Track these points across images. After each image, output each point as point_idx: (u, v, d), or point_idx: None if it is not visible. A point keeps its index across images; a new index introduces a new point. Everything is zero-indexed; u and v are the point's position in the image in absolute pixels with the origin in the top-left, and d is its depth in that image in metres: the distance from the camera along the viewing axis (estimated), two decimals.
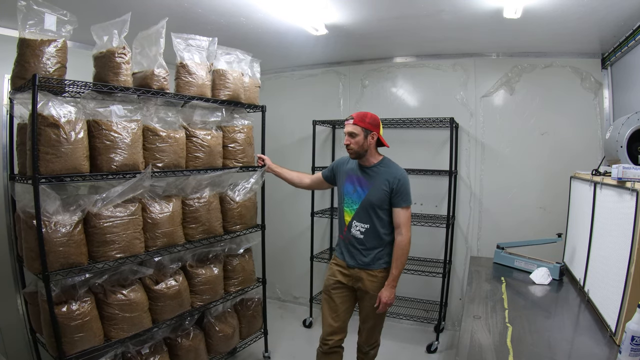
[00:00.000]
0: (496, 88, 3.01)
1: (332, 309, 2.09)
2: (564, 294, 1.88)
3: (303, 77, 3.66)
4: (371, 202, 1.97)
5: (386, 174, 1.98)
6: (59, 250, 1.60)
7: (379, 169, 2.01)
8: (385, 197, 1.96)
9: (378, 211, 1.97)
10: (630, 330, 1.13)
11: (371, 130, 1.97)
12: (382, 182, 1.96)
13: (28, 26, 1.63)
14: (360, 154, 1.99)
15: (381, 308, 1.96)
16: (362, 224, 2.00)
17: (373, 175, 2.00)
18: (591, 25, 2.23)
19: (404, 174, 1.98)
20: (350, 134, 1.97)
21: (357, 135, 1.95)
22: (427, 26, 2.43)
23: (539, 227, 2.84)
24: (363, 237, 2.00)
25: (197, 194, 2.23)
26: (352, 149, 1.98)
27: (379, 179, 1.98)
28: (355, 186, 2.04)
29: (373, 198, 1.97)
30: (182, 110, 2.25)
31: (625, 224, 1.33)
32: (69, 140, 1.61)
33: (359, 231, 2.01)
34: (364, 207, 1.99)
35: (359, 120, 1.96)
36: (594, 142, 2.75)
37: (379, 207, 1.97)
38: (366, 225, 2.00)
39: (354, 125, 1.96)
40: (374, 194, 1.97)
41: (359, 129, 1.95)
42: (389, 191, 1.95)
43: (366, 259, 2.01)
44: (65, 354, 1.64)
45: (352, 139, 1.96)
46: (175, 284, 2.08)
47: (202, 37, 2.19)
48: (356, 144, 1.96)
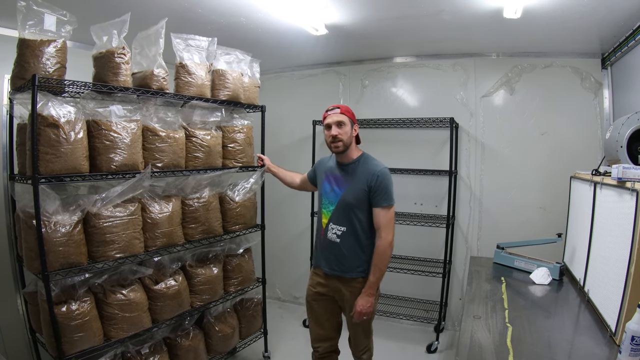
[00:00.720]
0: (496, 88, 3.00)
1: (316, 320, 1.99)
2: (564, 294, 1.88)
3: (303, 77, 3.66)
4: (348, 202, 1.81)
5: (364, 170, 1.81)
6: (58, 250, 1.60)
7: (357, 165, 1.85)
8: (363, 197, 1.78)
9: (356, 212, 1.80)
10: (630, 330, 1.13)
11: (354, 121, 1.87)
12: (360, 180, 1.80)
13: (28, 26, 1.63)
14: (346, 146, 1.84)
15: (356, 317, 1.80)
16: (338, 226, 1.83)
17: (350, 172, 1.84)
18: (591, 25, 2.23)
19: (384, 169, 1.80)
20: (339, 123, 1.81)
21: (345, 125, 1.82)
22: (427, 26, 2.43)
23: (539, 227, 2.84)
24: (339, 241, 1.83)
25: (196, 194, 2.23)
26: (341, 140, 1.81)
27: (356, 176, 1.82)
28: (332, 185, 1.89)
29: (349, 197, 1.81)
30: (182, 110, 2.25)
31: (625, 224, 1.32)
32: (69, 140, 1.61)
33: (335, 234, 1.84)
34: (341, 208, 1.83)
35: (344, 110, 1.84)
36: (594, 142, 2.75)
37: (357, 207, 1.79)
38: (343, 228, 1.82)
39: (342, 114, 1.82)
40: (351, 192, 1.81)
41: (347, 119, 1.83)
42: (367, 189, 1.77)
43: (343, 266, 1.83)
44: (64, 353, 1.64)
45: (340, 129, 1.81)
46: (174, 284, 2.08)
47: (202, 37, 2.19)
48: (345, 134, 1.82)
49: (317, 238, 1.99)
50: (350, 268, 1.82)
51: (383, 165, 1.82)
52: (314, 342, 2.02)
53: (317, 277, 1.97)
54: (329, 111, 1.85)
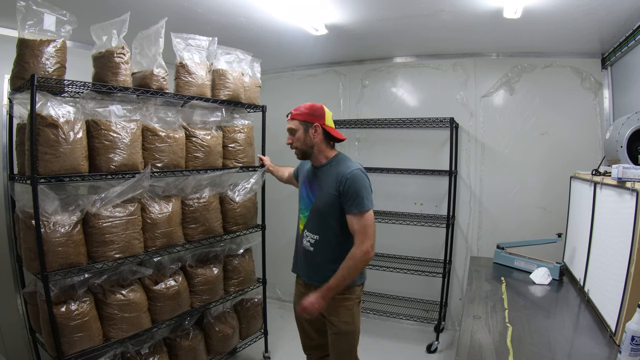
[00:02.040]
0: (496, 88, 3.00)
1: (302, 329, 1.90)
2: (564, 294, 1.88)
3: (303, 77, 3.66)
4: (319, 209, 1.67)
5: (334, 173, 1.65)
6: (57, 250, 1.60)
7: (329, 168, 1.69)
8: (334, 202, 1.62)
9: (328, 220, 1.65)
10: (630, 330, 1.13)
11: (311, 122, 1.68)
12: (330, 185, 1.64)
13: (27, 26, 1.63)
14: (306, 152, 1.72)
15: (299, 310, 1.64)
16: (312, 234, 1.71)
17: (321, 177, 1.70)
18: (591, 25, 2.23)
19: (355, 172, 1.60)
20: (290, 130, 1.72)
21: (296, 130, 1.70)
22: (427, 26, 2.43)
23: (539, 227, 2.84)
24: (313, 250, 1.71)
25: (196, 194, 2.23)
26: (296, 147, 1.72)
27: (326, 180, 1.67)
28: (307, 190, 1.77)
29: (320, 204, 1.67)
30: (182, 110, 2.25)
31: (625, 224, 1.32)
32: (68, 140, 1.61)
33: (309, 242, 1.72)
34: (313, 215, 1.70)
35: (296, 114, 1.70)
36: (594, 142, 2.75)
37: (329, 214, 1.65)
38: (315, 236, 1.69)
39: (291, 120, 1.71)
40: (322, 199, 1.67)
41: (297, 123, 1.70)
42: (337, 195, 1.61)
43: (319, 275, 1.68)
44: (64, 353, 1.63)
45: (293, 136, 1.71)
46: (174, 284, 2.08)
47: (202, 37, 2.19)
48: (298, 140, 1.70)
49: (296, 242, 1.87)
50: (326, 278, 1.63)
51: (357, 166, 1.64)
52: (305, 350, 1.96)
53: (299, 287, 1.89)
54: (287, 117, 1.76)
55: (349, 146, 3.49)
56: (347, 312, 1.70)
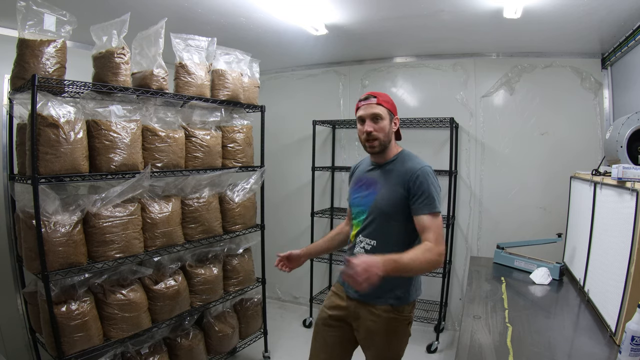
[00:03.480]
0: (496, 88, 3.00)
1: (322, 349, 1.56)
2: (564, 294, 1.88)
3: (303, 77, 3.66)
4: (381, 208, 1.43)
5: (402, 169, 1.44)
6: (58, 250, 1.60)
7: (394, 164, 1.48)
8: (400, 202, 1.40)
9: (391, 222, 1.42)
10: (630, 330, 1.13)
11: (394, 114, 1.50)
12: (397, 180, 1.42)
13: (27, 26, 1.63)
14: (385, 146, 1.48)
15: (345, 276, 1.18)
16: (368, 239, 1.46)
17: (386, 173, 1.48)
18: (591, 25, 2.23)
19: (426, 168, 1.42)
20: (375, 117, 1.44)
21: (383, 119, 1.44)
22: (427, 26, 2.43)
23: (539, 227, 2.84)
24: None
25: (196, 194, 2.23)
26: (377, 138, 1.44)
27: (392, 176, 1.45)
28: (363, 190, 1.53)
29: (383, 203, 1.43)
30: (182, 110, 2.25)
31: (625, 224, 1.32)
32: (68, 140, 1.61)
33: (363, 249, 1.46)
34: (372, 216, 1.45)
35: (383, 100, 1.45)
36: (594, 142, 2.75)
37: (393, 216, 1.41)
38: (372, 241, 1.45)
39: (379, 105, 1.44)
40: (385, 196, 1.43)
41: (385, 111, 1.45)
42: (406, 193, 1.39)
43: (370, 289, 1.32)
44: (64, 353, 1.64)
45: (375, 124, 1.44)
46: (174, 284, 2.08)
47: (202, 37, 2.20)
48: (382, 130, 1.44)
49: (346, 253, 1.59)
50: (379, 293, 1.39)
51: (425, 163, 1.45)
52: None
53: (335, 298, 1.57)
54: (363, 101, 1.47)
55: (349, 146, 3.49)
56: (394, 336, 1.46)
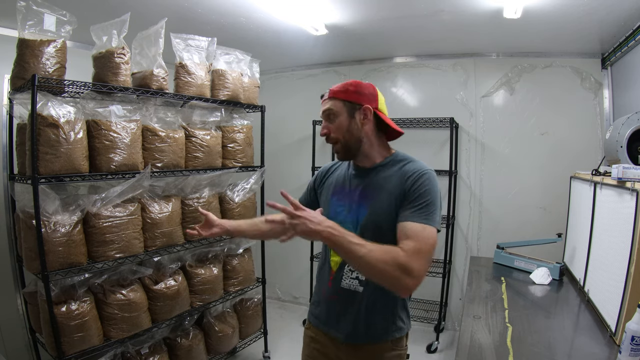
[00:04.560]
0: (496, 88, 3.00)
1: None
2: (564, 294, 1.88)
3: (303, 77, 3.66)
4: (376, 224, 1.11)
5: (399, 173, 1.13)
6: (58, 250, 1.60)
7: (389, 168, 1.16)
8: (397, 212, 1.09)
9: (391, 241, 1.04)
10: (630, 330, 1.13)
11: (359, 104, 1.14)
12: (395, 186, 1.10)
13: (27, 26, 1.63)
14: (351, 148, 1.16)
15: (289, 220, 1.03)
16: None
17: (378, 179, 1.15)
18: (591, 25, 2.22)
19: (431, 172, 1.12)
20: (328, 115, 1.16)
21: (335, 115, 1.15)
22: (427, 26, 2.43)
23: (539, 227, 2.84)
24: (364, 289, 1.13)
25: (196, 194, 2.23)
26: (337, 141, 1.16)
27: (388, 182, 1.13)
28: (347, 202, 1.19)
29: (379, 216, 1.11)
30: (182, 110, 2.25)
31: (625, 224, 1.32)
32: (68, 140, 1.61)
33: (357, 280, 1.14)
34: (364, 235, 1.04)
35: (337, 91, 1.16)
36: (594, 142, 2.75)
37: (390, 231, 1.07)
38: None
39: (330, 100, 1.16)
40: (382, 208, 1.10)
41: (338, 104, 1.15)
42: (401, 198, 1.08)
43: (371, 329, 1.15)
44: (64, 353, 1.64)
45: (330, 123, 1.16)
46: (174, 284, 2.08)
47: (202, 37, 2.20)
48: (338, 129, 1.14)
49: (320, 286, 1.26)
50: (380, 331, 1.16)
51: (429, 168, 1.15)
52: None
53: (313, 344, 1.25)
54: (322, 98, 1.21)
55: None
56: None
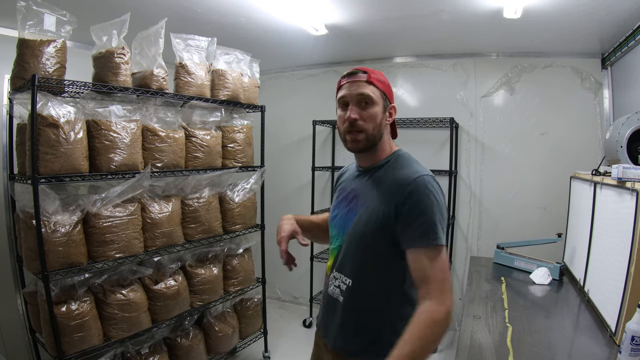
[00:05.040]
0: (496, 88, 3.00)
1: None
2: (564, 294, 1.88)
3: (303, 77, 3.66)
4: (358, 235, 1.03)
5: (391, 178, 1.01)
6: (58, 250, 1.60)
7: (385, 171, 1.06)
8: (386, 227, 0.98)
9: (372, 252, 1.01)
10: (630, 330, 1.13)
11: (391, 101, 1.08)
12: (383, 195, 1.00)
13: (27, 26, 1.64)
14: (374, 143, 1.05)
15: None
16: (343, 275, 1.07)
17: (371, 183, 1.06)
18: (591, 25, 2.22)
19: (424, 178, 0.97)
20: (363, 99, 1.01)
21: (375, 104, 1.01)
22: (427, 26, 2.43)
23: (539, 227, 2.84)
24: (342, 300, 1.07)
25: (196, 194, 2.23)
26: (364, 130, 1.01)
27: (379, 188, 1.03)
28: (343, 207, 1.12)
29: (362, 227, 1.02)
30: (182, 111, 2.25)
31: (625, 224, 1.32)
32: (68, 140, 1.61)
33: (339, 289, 1.08)
34: (347, 245, 1.06)
35: (376, 79, 1.03)
36: (594, 142, 2.75)
37: (375, 247, 1.01)
38: (348, 280, 1.05)
39: (369, 84, 1.01)
40: (365, 217, 1.02)
41: (378, 94, 1.02)
42: (393, 212, 0.96)
43: (347, 340, 1.07)
44: (64, 353, 1.64)
45: (363, 110, 1.01)
46: (174, 284, 2.08)
47: (202, 37, 2.20)
48: (372, 119, 1.01)
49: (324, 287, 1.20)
50: (357, 346, 1.06)
51: (427, 171, 1.01)
52: None
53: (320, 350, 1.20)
54: (347, 77, 1.04)
55: None
56: None
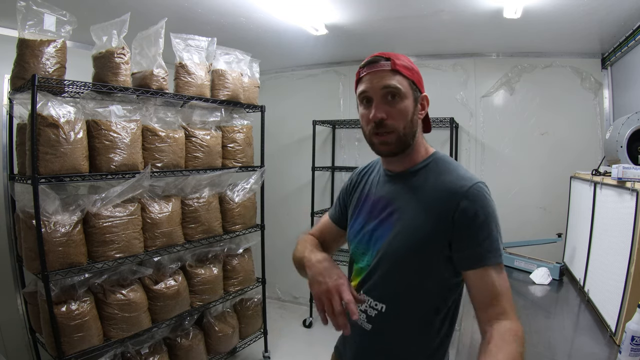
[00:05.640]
0: (496, 88, 3.00)
1: None
2: (564, 294, 1.88)
3: (303, 77, 3.66)
4: (398, 254, 0.86)
5: (437, 185, 0.86)
6: (58, 250, 1.60)
7: (424, 176, 0.90)
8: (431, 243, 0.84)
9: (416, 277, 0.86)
10: (630, 330, 1.12)
11: (421, 90, 0.91)
12: (428, 205, 0.85)
13: (27, 26, 1.63)
14: (406, 144, 0.88)
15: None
16: (372, 300, 0.91)
17: (409, 192, 0.90)
18: (591, 25, 2.22)
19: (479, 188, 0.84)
20: (389, 93, 0.85)
21: (403, 97, 0.86)
22: (427, 26, 2.43)
23: (539, 227, 2.84)
24: (372, 328, 0.91)
25: (196, 194, 2.23)
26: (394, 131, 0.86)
27: (421, 197, 0.87)
28: (371, 217, 0.94)
29: (403, 246, 0.86)
30: (182, 110, 2.25)
31: (625, 224, 1.32)
32: (68, 140, 1.61)
33: (365, 314, 0.92)
34: (383, 265, 0.89)
35: (402, 65, 0.86)
36: (594, 142, 2.74)
37: (419, 268, 0.86)
38: (381, 305, 0.89)
39: (396, 74, 0.85)
40: (408, 234, 0.86)
41: (407, 85, 0.86)
42: (444, 228, 0.82)
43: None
44: (64, 353, 1.64)
45: (391, 107, 0.85)
46: (174, 284, 2.08)
47: (202, 37, 2.20)
48: (402, 117, 0.86)
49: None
50: None
51: (477, 177, 0.87)
52: None
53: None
54: (367, 66, 0.89)
55: (348, 146, 3.49)
56: None
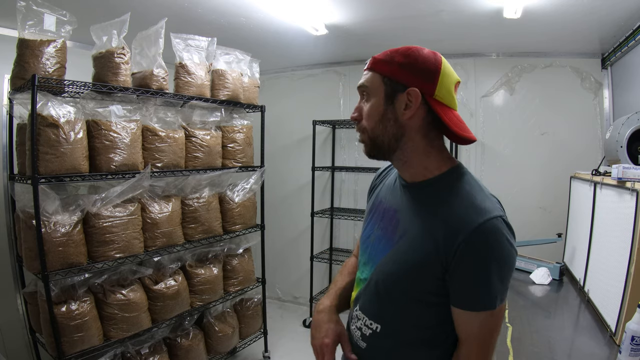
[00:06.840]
0: (496, 88, 3.00)
1: None
2: (564, 294, 1.88)
3: (303, 77, 3.66)
4: (392, 272, 0.82)
5: (446, 210, 0.77)
6: (58, 250, 1.60)
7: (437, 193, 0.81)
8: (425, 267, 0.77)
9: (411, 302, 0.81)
10: (630, 330, 1.13)
11: (403, 84, 0.80)
12: (428, 229, 0.77)
13: (27, 26, 1.63)
14: (379, 145, 0.83)
15: None
16: (367, 318, 0.87)
17: (413, 205, 0.84)
18: (591, 25, 2.22)
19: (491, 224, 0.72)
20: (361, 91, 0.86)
21: (371, 95, 0.83)
22: (427, 26, 2.43)
23: (539, 227, 2.84)
24: (366, 347, 0.87)
25: (196, 194, 2.23)
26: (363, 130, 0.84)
27: (424, 217, 0.80)
28: (376, 226, 0.91)
29: (398, 267, 0.81)
30: (182, 111, 2.25)
31: (625, 224, 1.32)
32: (69, 140, 1.61)
33: (360, 332, 0.89)
34: (377, 283, 0.85)
35: (379, 61, 0.84)
36: (594, 142, 2.75)
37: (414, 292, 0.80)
38: (375, 325, 0.85)
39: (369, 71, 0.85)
40: (404, 255, 0.81)
41: (377, 81, 0.82)
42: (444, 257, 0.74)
43: None
44: (64, 353, 1.64)
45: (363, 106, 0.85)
46: (174, 284, 2.08)
47: (202, 37, 2.20)
48: (368, 116, 0.83)
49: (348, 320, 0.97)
50: None
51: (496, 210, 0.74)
52: None
53: None
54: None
55: (349, 146, 3.49)
56: None
